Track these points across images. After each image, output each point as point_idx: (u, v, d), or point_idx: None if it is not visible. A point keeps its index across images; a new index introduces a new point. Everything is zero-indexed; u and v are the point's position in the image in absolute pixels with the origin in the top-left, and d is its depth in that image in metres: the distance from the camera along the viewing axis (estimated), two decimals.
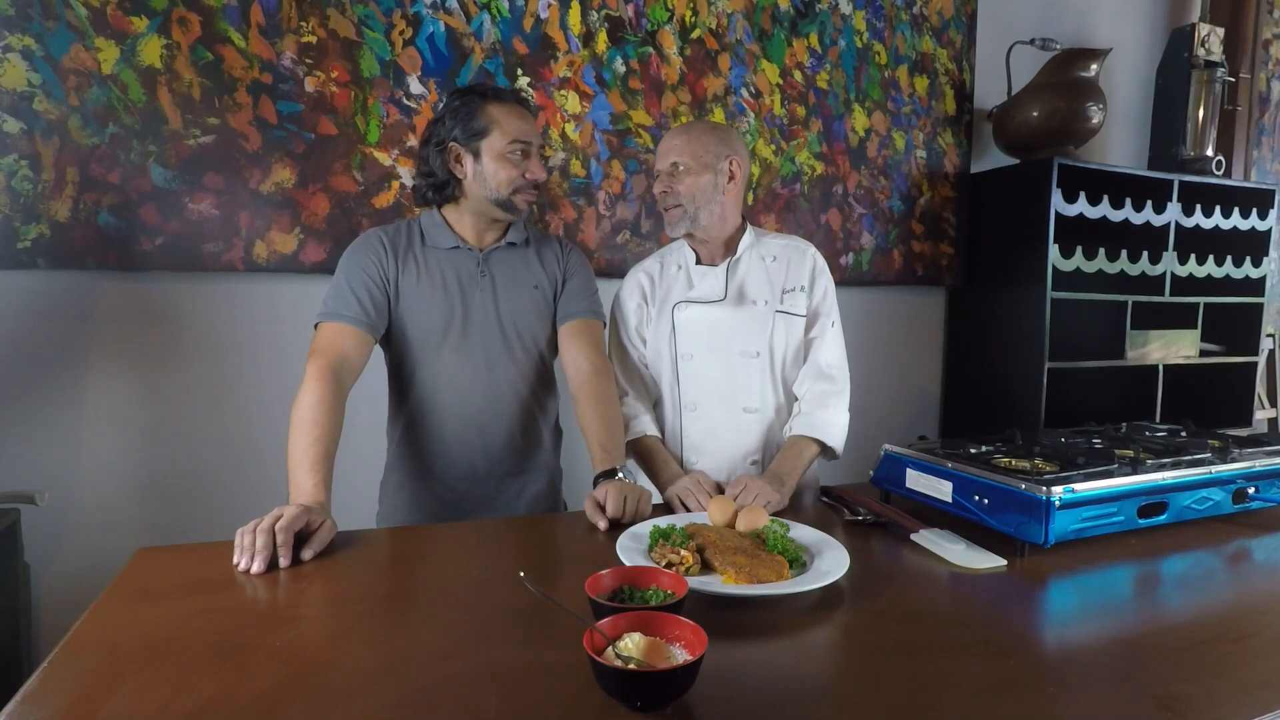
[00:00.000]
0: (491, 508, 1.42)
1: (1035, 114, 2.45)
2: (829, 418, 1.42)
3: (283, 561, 0.95)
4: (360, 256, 1.35)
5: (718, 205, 1.43)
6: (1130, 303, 2.56)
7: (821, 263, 1.49)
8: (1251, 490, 1.18)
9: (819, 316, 1.47)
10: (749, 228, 1.50)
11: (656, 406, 1.51)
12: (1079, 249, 2.44)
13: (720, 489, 1.29)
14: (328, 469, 1.13)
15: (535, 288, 1.43)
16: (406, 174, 1.86)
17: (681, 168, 1.40)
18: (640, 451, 1.45)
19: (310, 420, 1.15)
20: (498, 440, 1.40)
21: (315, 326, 1.30)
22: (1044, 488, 1.00)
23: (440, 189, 1.37)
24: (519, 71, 1.98)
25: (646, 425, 1.46)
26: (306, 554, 0.99)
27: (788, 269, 1.47)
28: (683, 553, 0.92)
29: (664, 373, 1.48)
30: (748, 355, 1.43)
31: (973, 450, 1.25)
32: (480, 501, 1.42)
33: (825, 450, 1.42)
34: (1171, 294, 2.64)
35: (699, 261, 1.49)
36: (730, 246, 1.48)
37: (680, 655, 0.65)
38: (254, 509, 1.04)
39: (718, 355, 1.44)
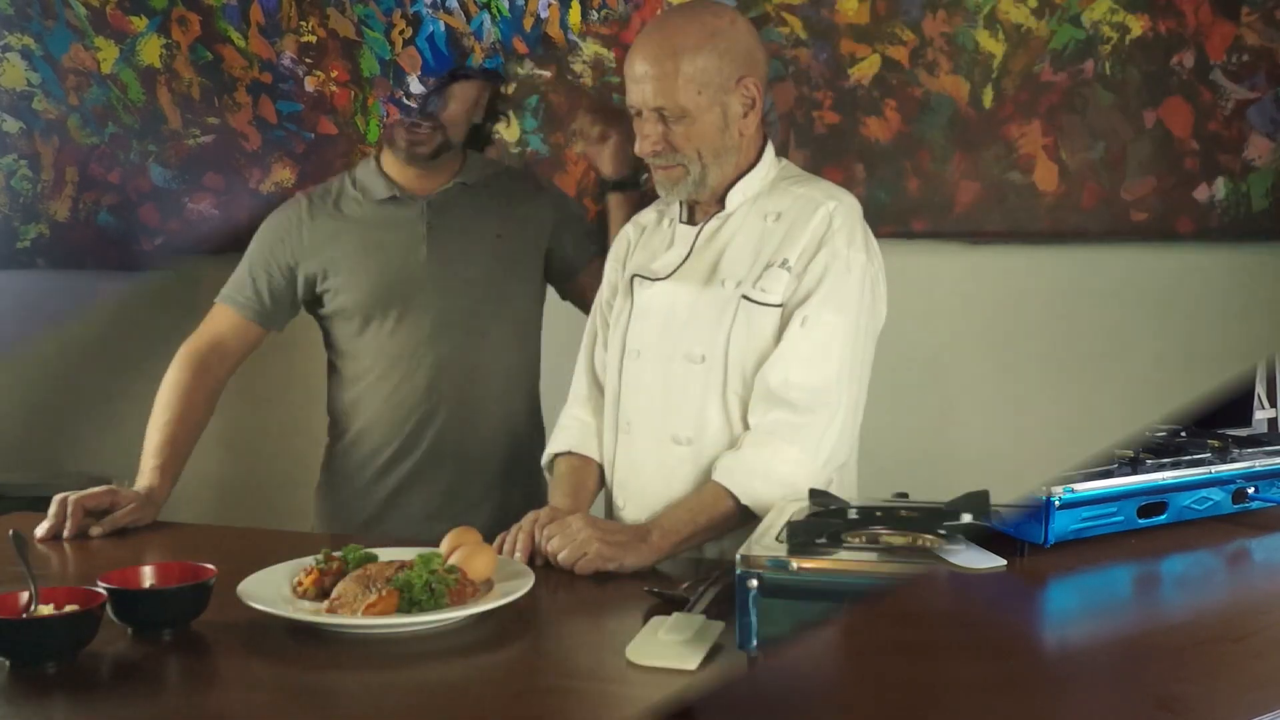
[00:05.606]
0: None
1: None
2: (766, 465, 0.91)
3: (67, 532, 0.99)
4: (271, 233, 1.21)
5: (734, 152, 0.98)
6: None
7: (839, 224, 0.95)
8: (1251, 490, 1.18)
9: (803, 303, 0.94)
10: (765, 166, 1.01)
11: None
12: None
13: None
14: (170, 454, 1.13)
15: (498, 236, 1.21)
16: None
17: (669, 115, 0.92)
18: (555, 473, 1.09)
19: (164, 404, 1.16)
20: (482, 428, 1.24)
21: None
22: (1044, 487, 1.00)
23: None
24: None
25: (573, 439, 1.07)
26: (95, 530, 1.01)
27: (785, 233, 0.96)
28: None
29: (610, 372, 1.06)
30: (691, 360, 0.97)
31: None
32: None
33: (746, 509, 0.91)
34: None
35: (688, 218, 1.03)
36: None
37: None
38: (253, 509, 1.04)
39: (662, 356, 1.00)
